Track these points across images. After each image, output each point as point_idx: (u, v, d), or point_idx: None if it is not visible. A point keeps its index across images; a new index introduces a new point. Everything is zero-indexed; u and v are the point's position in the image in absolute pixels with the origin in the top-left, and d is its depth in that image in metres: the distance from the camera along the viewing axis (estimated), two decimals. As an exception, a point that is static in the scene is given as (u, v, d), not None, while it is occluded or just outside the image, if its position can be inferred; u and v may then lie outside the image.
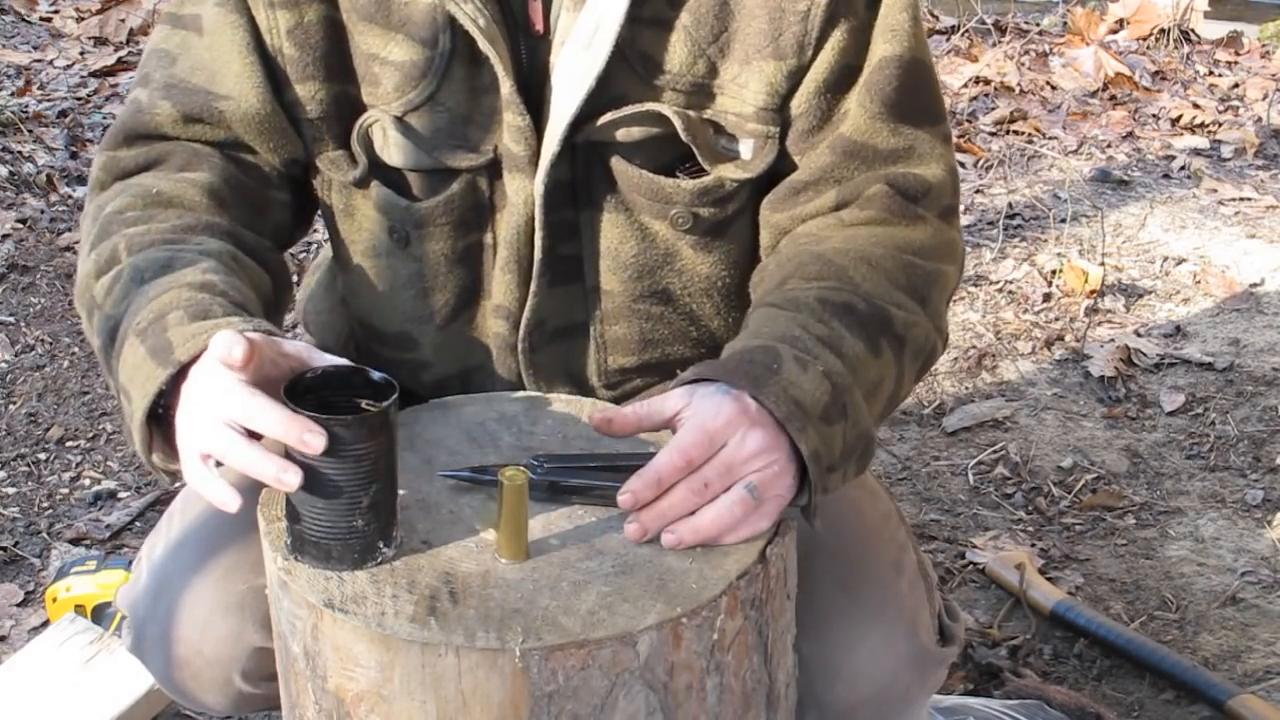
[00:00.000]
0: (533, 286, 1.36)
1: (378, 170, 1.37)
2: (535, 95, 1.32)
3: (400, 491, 1.13)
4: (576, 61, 1.28)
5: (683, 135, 1.31)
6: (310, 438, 1.04)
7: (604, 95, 1.29)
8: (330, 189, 1.40)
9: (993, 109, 4.37)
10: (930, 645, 1.34)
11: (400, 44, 1.32)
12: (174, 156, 1.36)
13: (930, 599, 1.37)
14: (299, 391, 1.09)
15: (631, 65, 1.29)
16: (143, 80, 1.39)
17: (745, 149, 1.33)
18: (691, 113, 1.31)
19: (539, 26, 1.31)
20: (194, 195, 1.32)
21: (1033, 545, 2.39)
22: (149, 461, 1.19)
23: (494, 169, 1.35)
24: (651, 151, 1.33)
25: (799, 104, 1.31)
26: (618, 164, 1.33)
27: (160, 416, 1.16)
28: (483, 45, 1.27)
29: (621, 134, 1.31)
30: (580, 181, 1.34)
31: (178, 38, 1.37)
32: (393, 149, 1.35)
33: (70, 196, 3.43)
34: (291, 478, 1.06)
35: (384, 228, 1.38)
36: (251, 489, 1.23)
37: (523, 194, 1.33)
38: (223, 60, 1.34)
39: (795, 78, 1.30)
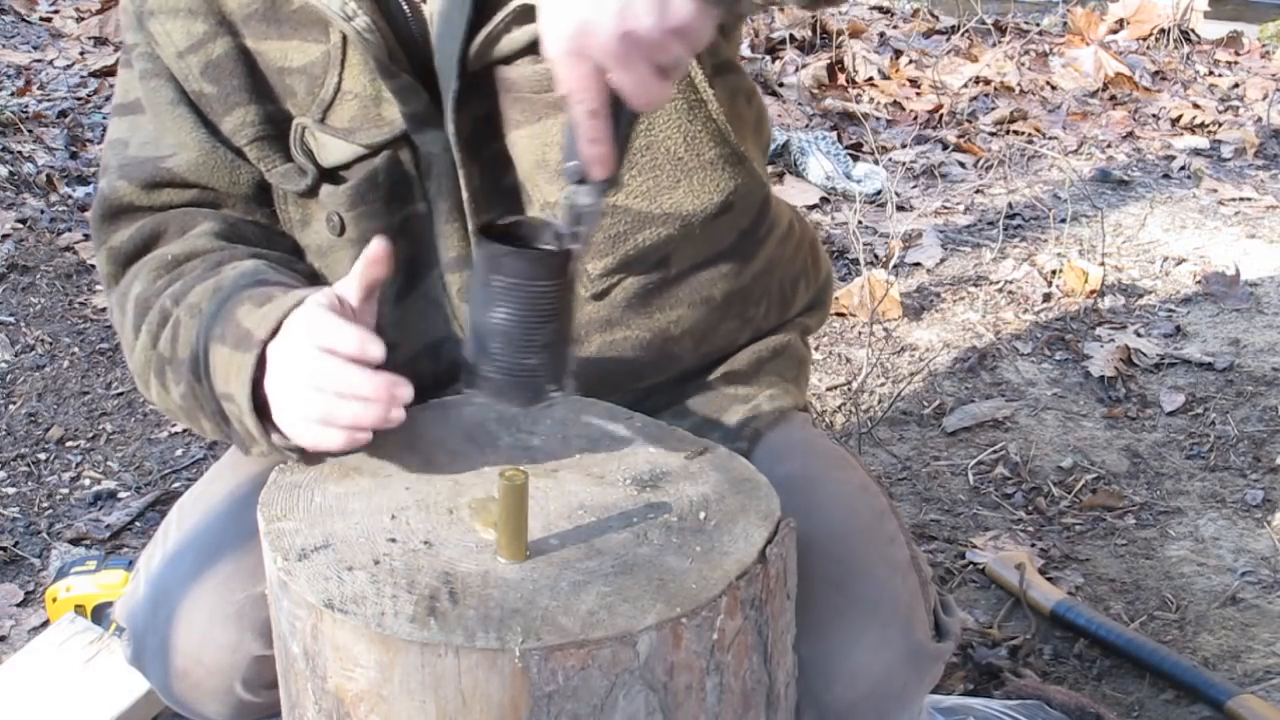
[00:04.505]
0: (471, 226, 1.37)
1: (325, 174, 1.40)
2: (429, 53, 1.34)
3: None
4: (448, 2, 1.30)
5: None
6: (399, 390, 1.14)
7: (480, 20, 1.30)
8: (287, 203, 1.44)
9: (993, 109, 4.38)
10: (926, 641, 1.35)
11: (298, 48, 1.36)
12: (169, 227, 1.41)
13: (926, 595, 1.37)
14: (491, 235, 1.15)
15: None
16: (103, 171, 1.46)
17: None
18: None
19: None
20: (205, 243, 1.38)
21: (1033, 545, 2.39)
22: (271, 447, 1.24)
23: (410, 139, 1.37)
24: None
25: None
26: (510, 73, 1.34)
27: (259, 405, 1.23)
28: (339, 25, 1.30)
29: (504, 44, 1.32)
30: (494, 111, 1.35)
31: (127, 123, 1.44)
32: (325, 151, 1.38)
33: (70, 196, 3.43)
34: (398, 413, 1.15)
35: (323, 228, 1.41)
36: (251, 492, 1.23)
37: (439, 143, 1.35)
38: (159, 124, 1.40)
39: None
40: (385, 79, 1.32)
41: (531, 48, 1.32)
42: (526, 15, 1.30)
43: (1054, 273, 3.28)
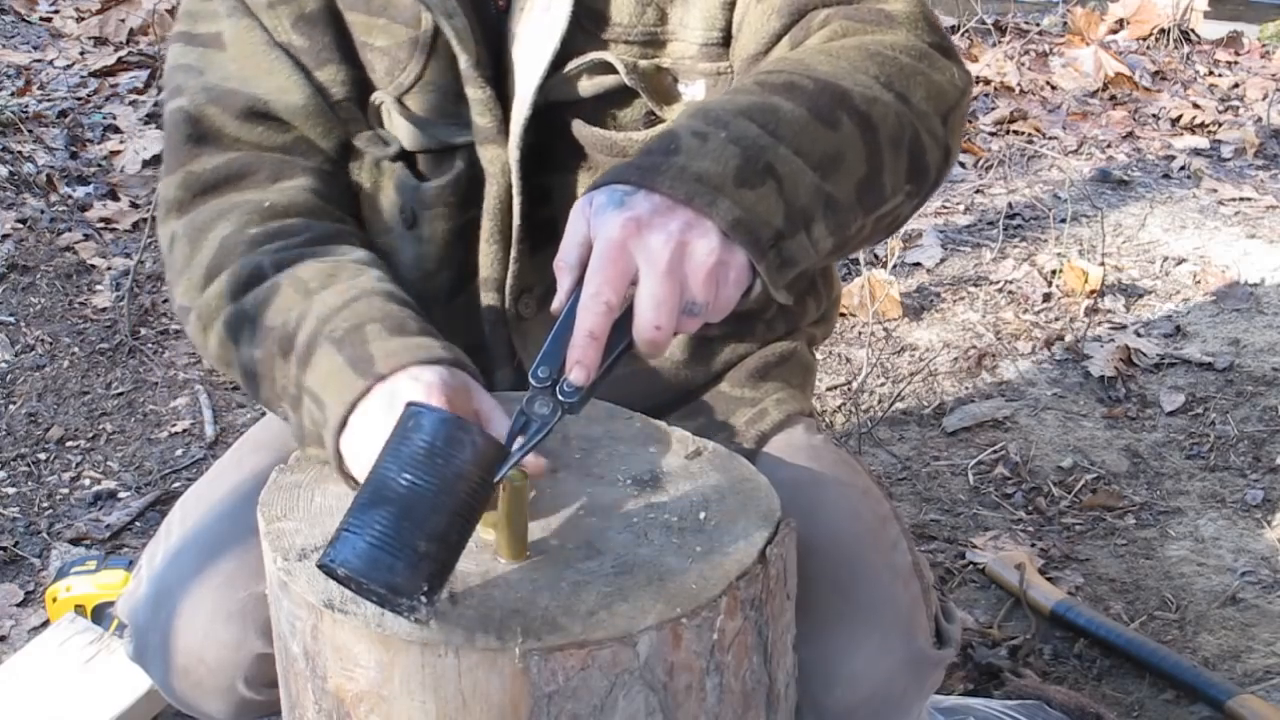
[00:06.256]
0: (513, 253, 1.37)
1: (404, 154, 1.39)
2: (503, 67, 1.34)
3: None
4: (537, 26, 1.30)
5: (627, 79, 1.31)
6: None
7: (560, 56, 1.30)
8: (362, 168, 1.41)
9: (993, 109, 4.38)
10: (927, 648, 1.34)
11: (383, 29, 1.34)
12: (262, 169, 1.36)
13: (927, 601, 1.37)
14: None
15: (582, 23, 1.30)
16: (174, 92, 1.38)
17: (699, 90, 1.34)
18: (643, 62, 1.32)
19: (501, 1, 1.33)
20: (305, 200, 1.34)
21: (1033, 545, 2.39)
22: (338, 464, 1.17)
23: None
24: (611, 107, 1.34)
25: (738, 19, 1.30)
26: (578, 126, 1.34)
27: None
28: (439, 20, 1.30)
29: (576, 89, 1.32)
30: (547, 146, 1.35)
31: (196, 53, 1.38)
32: (398, 130, 1.37)
33: (70, 196, 3.43)
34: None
35: (396, 208, 1.40)
36: (254, 490, 1.23)
37: (498, 164, 1.34)
38: (251, 65, 1.35)
39: (730, 7, 1.30)
40: (468, 86, 1.32)
41: (598, 100, 1.33)
42: (601, 68, 1.31)
43: (1054, 273, 3.28)
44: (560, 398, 1.05)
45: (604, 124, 1.34)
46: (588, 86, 1.33)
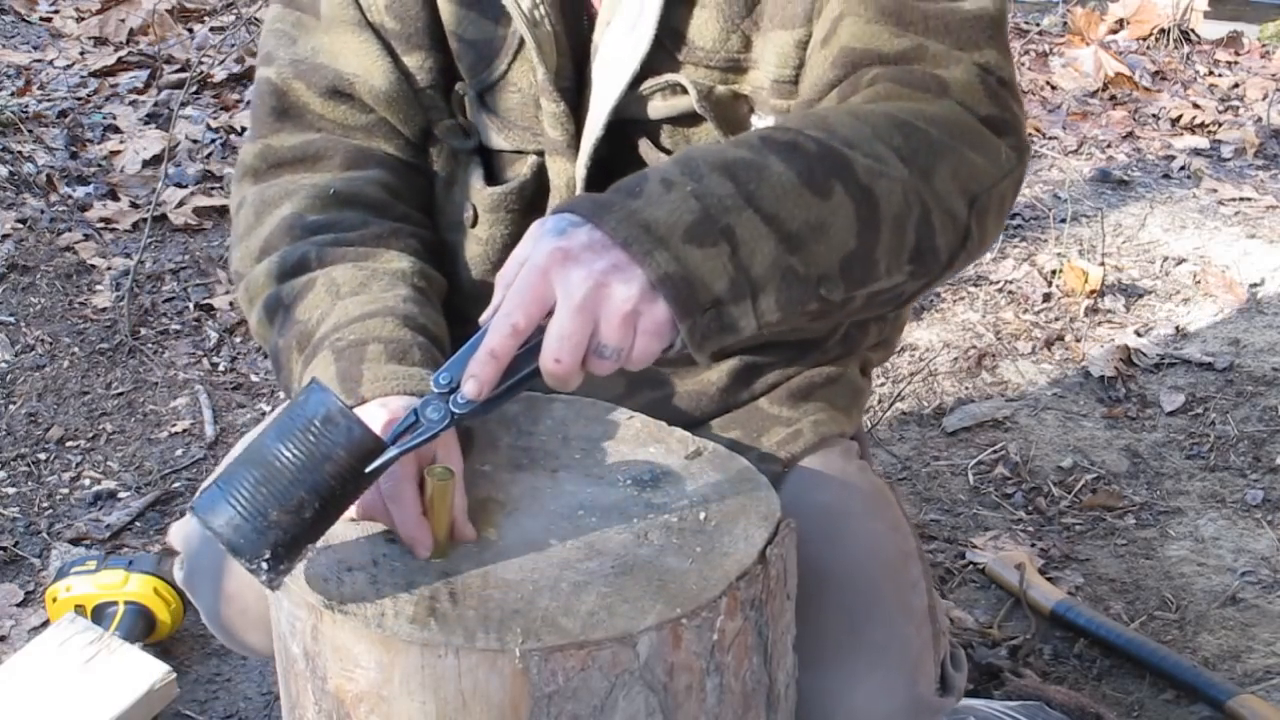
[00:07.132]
0: None
1: (481, 149, 1.39)
2: (583, 79, 1.32)
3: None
4: (621, 43, 1.28)
5: (697, 106, 1.29)
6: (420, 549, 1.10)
7: (637, 75, 1.29)
8: (440, 156, 1.41)
9: (993, 109, 4.37)
10: (929, 695, 1.31)
11: (473, 22, 1.33)
12: (337, 154, 1.36)
13: (937, 646, 1.33)
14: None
15: (662, 42, 1.28)
16: (265, 60, 1.40)
17: (770, 124, 1.31)
18: (720, 87, 1.30)
19: (597, 7, 1.32)
20: (372, 193, 1.35)
21: (1033, 545, 2.39)
22: None
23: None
24: (682, 129, 1.32)
25: (807, 59, 1.28)
26: (645, 147, 1.33)
27: None
28: (522, 28, 1.29)
29: (649, 109, 1.31)
30: (615, 162, 1.33)
31: (293, 18, 1.39)
32: (480, 129, 1.37)
33: (70, 196, 3.43)
34: (422, 551, 1.10)
35: (463, 205, 1.40)
36: None
37: (564, 177, 1.34)
38: (341, 41, 1.36)
39: (804, 46, 1.27)
40: (543, 98, 1.31)
41: (670, 122, 1.32)
42: (674, 89, 1.30)
43: (1054, 273, 3.28)
44: (453, 408, 1.05)
45: (673, 147, 1.33)
46: (660, 107, 1.31)
